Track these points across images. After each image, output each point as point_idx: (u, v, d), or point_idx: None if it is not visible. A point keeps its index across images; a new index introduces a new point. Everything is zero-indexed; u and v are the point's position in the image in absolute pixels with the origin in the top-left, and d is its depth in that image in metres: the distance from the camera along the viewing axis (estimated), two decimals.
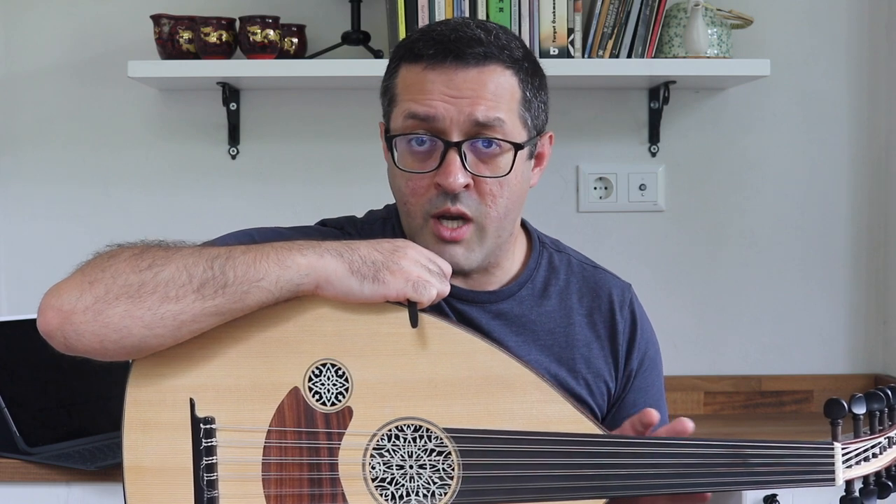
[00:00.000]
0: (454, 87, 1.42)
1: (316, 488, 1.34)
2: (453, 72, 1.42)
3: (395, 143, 1.46)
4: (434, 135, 1.43)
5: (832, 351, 2.75)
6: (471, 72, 1.42)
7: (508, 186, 1.45)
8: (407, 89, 1.45)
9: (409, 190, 1.45)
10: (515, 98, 1.45)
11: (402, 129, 1.45)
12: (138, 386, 1.36)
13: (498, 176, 1.44)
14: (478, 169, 1.43)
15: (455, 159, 1.41)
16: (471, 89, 1.42)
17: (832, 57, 2.72)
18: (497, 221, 1.46)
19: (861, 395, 1.35)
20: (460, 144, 1.42)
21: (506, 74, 1.45)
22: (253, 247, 1.35)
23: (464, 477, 1.34)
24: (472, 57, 1.42)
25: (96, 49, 2.67)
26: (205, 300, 1.31)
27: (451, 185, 1.41)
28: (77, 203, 2.69)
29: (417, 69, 1.44)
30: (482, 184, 1.44)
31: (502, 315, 1.53)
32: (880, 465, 1.36)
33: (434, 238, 1.45)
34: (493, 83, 1.43)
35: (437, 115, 1.42)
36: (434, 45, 1.44)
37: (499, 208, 1.45)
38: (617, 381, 1.58)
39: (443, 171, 1.42)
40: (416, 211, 1.46)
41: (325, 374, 1.35)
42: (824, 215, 2.73)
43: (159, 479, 1.35)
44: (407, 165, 1.45)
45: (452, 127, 1.42)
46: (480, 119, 1.41)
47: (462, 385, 1.35)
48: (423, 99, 1.42)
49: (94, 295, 1.31)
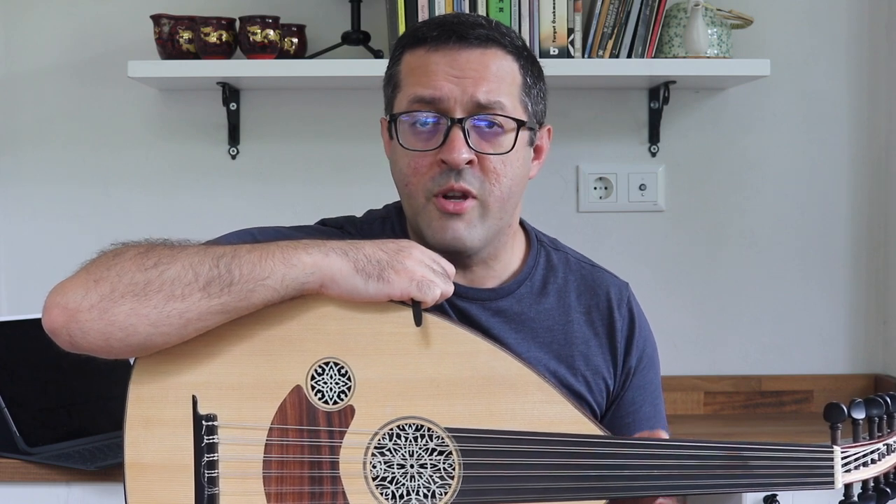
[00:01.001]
0: (457, 66, 1.45)
1: (317, 486, 1.34)
2: (457, 52, 1.45)
3: (398, 125, 1.47)
4: (438, 113, 1.45)
5: (832, 351, 2.75)
6: (474, 52, 1.45)
7: (511, 166, 1.47)
8: (411, 73, 1.47)
9: (412, 169, 1.47)
10: (516, 82, 1.48)
11: (406, 110, 1.46)
12: (141, 382, 1.36)
13: (500, 153, 1.46)
14: (481, 147, 1.45)
15: (459, 135, 1.43)
16: (474, 69, 1.45)
17: (832, 57, 2.72)
18: (500, 201, 1.47)
19: (860, 401, 1.36)
20: (463, 121, 1.44)
21: (507, 59, 1.48)
22: (258, 245, 1.35)
23: (464, 477, 1.34)
24: (475, 38, 1.46)
25: (96, 49, 2.67)
26: (210, 298, 1.31)
27: (456, 160, 1.43)
28: (77, 203, 2.68)
29: (421, 52, 1.47)
30: (486, 161, 1.45)
31: (501, 312, 1.54)
32: (879, 471, 1.37)
33: (437, 213, 1.46)
34: (494, 65, 1.46)
35: (441, 96, 1.44)
36: (437, 28, 1.47)
37: (502, 187, 1.47)
38: (615, 379, 1.59)
39: (447, 147, 1.44)
40: (417, 190, 1.47)
41: (328, 372, 1.35)
42: (824, 215, 2.73)
43: (160, 475, 1.35)
44: (411, 145, 1.47)
45: (456, 105, 1.44)
46: (482, 101, 1.44)
47: (464, 385, 1.35)
48: (427, 81, 1.45)
49: (99, 293, 1.31)
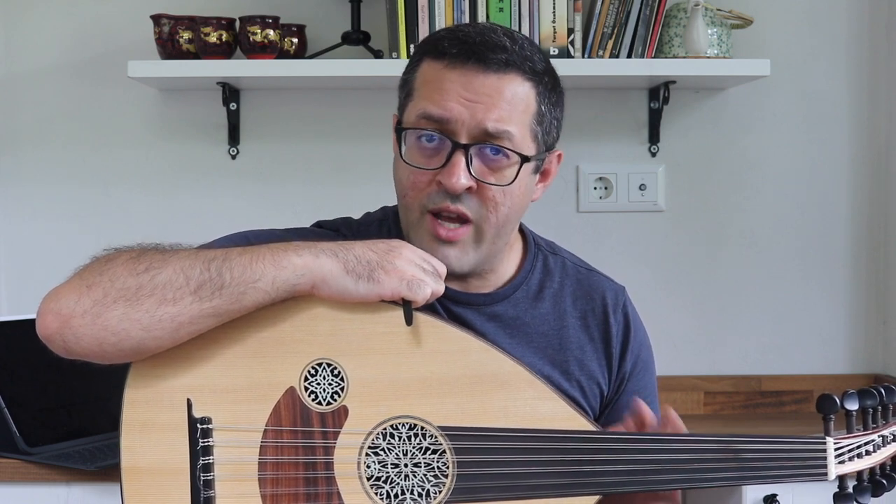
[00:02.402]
0: (472, 90, 1.42)
1: (312, 487, 1.34)
2: (473, 75, 1.43)
3: (404, 136, 1.46)
4: (444, 134, 1.43)
5: (832, 351, 2.74)
6: (490, 77, 1.43)
7: (511, 196, 1.45)
8: (425, 85, 1.46)
9: (410, 184, 1.46)
10: (530, 111, 1.45)
11: (413, 125, 1.45)
12: (136, 387, 1.36)
13: (501, 185, 1.44)
14: (482, 175, 1.43)
15: (461, 160, 1.42)
16: (487, 95, 1.42)
17: (832, 57, 2.71)
18: (496, 228, 1.46)
19: (853, 392, 1.35)
20: (468, 147, 1.42)
21: (525, 85, 1.45)
22: (249, 248, 1.35)
23: (458, 475, 1.34)
24: (494, 63, 1.43)
25: (96, 49, 2.67)
26: (202, 302, 1.31)
27: (453, 186, 1.41)
28: (77, 203, 2.69)
29: (439, 66, 1.45)
30: (486, 189, 1.44)
31: (497, 317, 1.53)
32: (874, 462, 1.36)
33: (429, 235, 1.45)
34: (509, 92, 1.43)
35: (450, 118, 1.42)
36: (459, 44, 1.44)
37: (499, 216, 1.45)
38: (610, 384, 1.58)
39: (447, 171, 1.42)
40: (413, 204, 1.46)
41: (321, 373, 1.35)
42: (824, 215, 2.73)
43: (156, 479, 1.35)
44: (413, 160, 1.45)
45: (462, 129, 1.42)
46: (490, 129, 1.42)
47: (456, 383, 1.35)
48: (439, 100, 1.43)
49: (92, 298, 1.31)
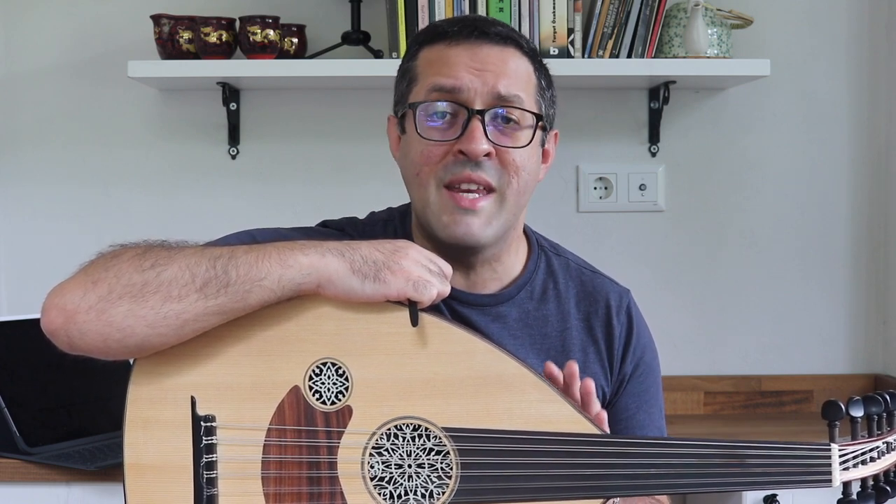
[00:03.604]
0: (478, 60, 1.46)
1: (315, 487, 1.34)
2: (477, 46, 1.47)
3: (415, 114, 1.47)
4: (458, 103, 1.45)
5: (832, 351, 2.75)
6: (494, 49, 1.47)
7: (528, 160, 1.48)
8: (430, 65, 1.48)
9: (424, 158, 1.46)
10: (532, 82, 1.50)
11: (425, 99, 1.47)
12: (140, 384, 1.36)
13: (518, 146, 1.46)
14: (499, 140, 1.46)
15: (478, 126, 1.44)
16: (494, 64, 1.46)
17: (832, 57, 2.72)
18: (517, 194, 1.48)
19: (859, 398, 1.35)
20: (483, 113, 1.44)
21: (524, 59, 1.50)
22: (255, 246, 1.35)
23: (462, 476, 1.34)
24: (495, 35, 1.48)
25: (96, 49, 2.67)
26: (207, 299, 1.31)
27: (475, 150, 1.43)
28: (77, 203, 2.69)
29: (440, 47, 1.48)
30: (505, 154, 1.46)
31: (501, 318, 1.54)
32: (878, 469, 1.36)
33: (450, 205, 1.46)
34: (513, 63, 1.48)
35: (461, 87, 1.45)
36: (456, 24, 1.49)
37: (521, 180, 1.47)
38: (611, 385, 1.58)
39: (466, 137, 1.44)
40: (428, 178, 1.46)
41: (326, 372, 1.35)
42: (824, 215, 2.73)
43: (159, 476, 1.35)
44: (426, 134, 1.47)
45: (476, 97, 1.45)
46: (503, 92, 1.45)
47: (461, 384, 1.34)
48: (448, 71, 1.46)
49: (97, 294, 1.31)
